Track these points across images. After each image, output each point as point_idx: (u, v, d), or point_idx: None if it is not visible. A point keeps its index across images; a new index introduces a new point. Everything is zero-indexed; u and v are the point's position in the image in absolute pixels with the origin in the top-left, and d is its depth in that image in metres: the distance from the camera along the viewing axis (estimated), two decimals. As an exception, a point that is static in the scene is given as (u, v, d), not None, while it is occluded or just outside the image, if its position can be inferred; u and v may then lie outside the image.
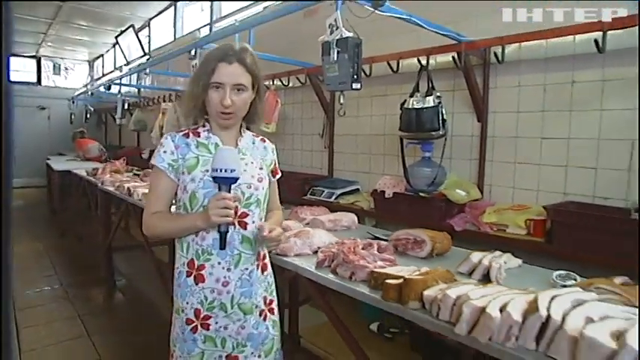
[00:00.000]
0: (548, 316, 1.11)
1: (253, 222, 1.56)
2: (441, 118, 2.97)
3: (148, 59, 8.20)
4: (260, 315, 1.62)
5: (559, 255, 2.31)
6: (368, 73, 3.54)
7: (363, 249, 1.83)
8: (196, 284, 1.53)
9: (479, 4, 3.01)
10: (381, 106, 3.78)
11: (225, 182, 1.41)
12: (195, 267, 1.53)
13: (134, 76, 7.96)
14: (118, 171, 5.36)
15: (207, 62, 1.51)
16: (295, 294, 3.10)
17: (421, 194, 3.11)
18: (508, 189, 3.00)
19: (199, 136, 1.59)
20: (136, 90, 8.85)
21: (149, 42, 9.09)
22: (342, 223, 2.56)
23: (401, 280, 1.48)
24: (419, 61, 3.15)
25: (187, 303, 1.54)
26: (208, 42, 3.64)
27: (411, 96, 3.07)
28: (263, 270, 1.64)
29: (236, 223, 1.53)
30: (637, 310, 1.16)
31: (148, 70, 5.91)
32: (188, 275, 1.54)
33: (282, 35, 4.02)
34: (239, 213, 1.53)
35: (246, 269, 1.56)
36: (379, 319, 3.44)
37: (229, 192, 1.42)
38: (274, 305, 1.70)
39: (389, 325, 3.38)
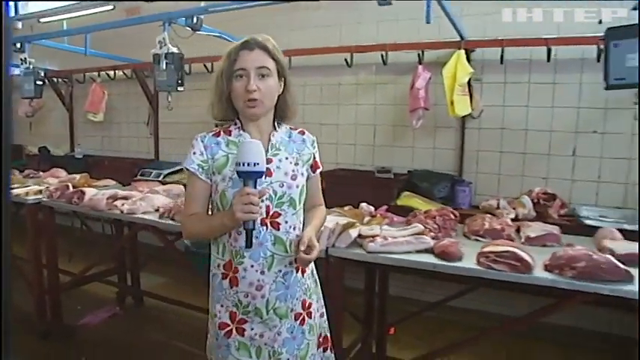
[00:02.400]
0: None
1: (286, 222, 1.47)
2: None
3: None
4: (296, 319, 1.54)
5: (331, 205, 3.39)
6: (188, 72, 4.24)
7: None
8: (231, 287, 1.48)
9: (284, 21, 3.94)
10: (200, 99, 4.51)
11: (249, 177, 1.33)
12: (232, 268, 1.48)
13: None
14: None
15: (228, 55, 1.44)
16: (135, 256, 3.70)
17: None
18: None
19: (230, 135, 1.51)
20: None
21: None
22: (173, 192, 3.26)
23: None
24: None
25: (222, 306, 1.51)
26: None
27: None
28: (303, 272, 1.55)
29: (268, 224, 1.45)
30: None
31: None
32: (224, 277, 1.49)
33: (110, 32, 4.45)
34: (271, 213, 1.45)
35: (280, 271, 1.48)
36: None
37: (255, 187, 1.34)
38: (313, 309, 1.60)
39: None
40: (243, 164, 1.31)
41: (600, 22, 2.81)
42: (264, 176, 1.39)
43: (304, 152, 1.56)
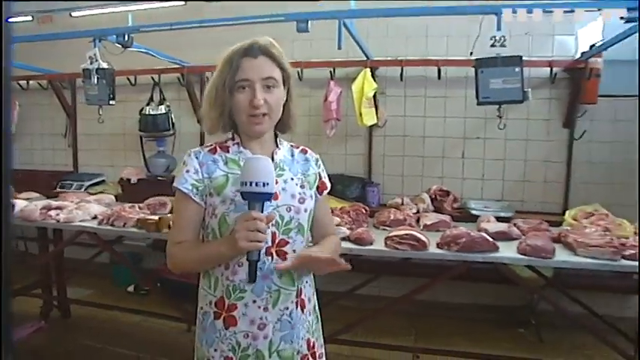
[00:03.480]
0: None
1: (294, 251, 1.30)
2: (171, 121, 4.05)
3: None
4: None
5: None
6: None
7: (129, 208, 2.78)
8: (226, 328, 1.28)
9: (203, 38, 4.16)
10: (121, 111, 4.59)
11: (256, 199, 1.17)
12: (226, 307, 1.28)
13: None
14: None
15: (228, 61, 1.27)
16: (61, 270, 3.73)
17: (159, 178, 4.12)
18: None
19: (228, 151, 1.35)
20: None
21: None
22: (104, 201, 3.37)
23: (157, 219, 2.52)
24: (152, 78, 4.13)
25: (216, 350, 1.30)
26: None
27: (148, 104, 4.06)
28: (302, 308, 1.35)
29: (273, 253, 1.27)
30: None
31: None
32: (216, 317, 1.30)
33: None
34: (277, 240, 1.28)
35: (287, 308, 1.30)
36: (134, 282, 4.30)
37: (262, 211, 1.18)
38: (317, 348, 1.42)
39: (142, 286, 4.27)
40: (250, 184, 1.15)
41: (471, 53, 3.26)
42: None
43: (309, 173, 1.41)
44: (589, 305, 3.08)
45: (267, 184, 1.15)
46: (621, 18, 2.45)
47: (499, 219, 2.85)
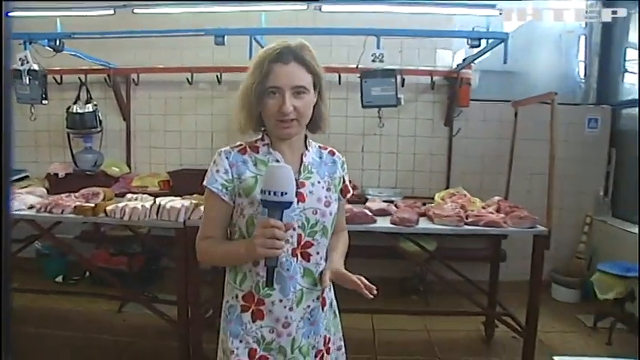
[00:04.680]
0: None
1: (317, 253, 1.35)
2: (98, 119, 4.34)
3: None
4: (316, 356, 1.41)
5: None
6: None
7: (65, 197, 3.11)
8: (253, 321, 1.32)
9: (130, 42, 4.46)
10: (46, 109, 4.74)
11: (275, 207, 1.18)
12: (255, 301, 1.32)
13: None
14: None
15: (259, 65, 1.26)
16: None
17: (87, 173, 4.40)
18: (147, 165, 4.63)
19: (258, 152, 1.36)
20: None
21: None
22: (36, 193, 3.62)
23: (93, 205, 2.89)
24: (79, 78, 4.39)
25: (241, 342, 1.33)
26: None
27: (75, 103, 4.32)
28: (323, 306, 1.41)
29: (298, 255, 1.32)
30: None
31: None
32: (244, 310, 1.33)
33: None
34: (302, 242, 1.32)
35: (309, 307, 1.36)
36: (62, 273, 4.53)
37: (281, 218, 1.19)
38: (332, 344, 1.47)
39: (71, 275, 4.52)
40: (269, 193, 1.15)
41: (357, 66, 3.67)
42: (296, 202, 1.26)
43: (335, 175, 1.43)
44: (464, 274, 3.77)
45: (286, 193, 1.15)
46: (468, 45, 3.17)
47: (389, 202, 3.47)
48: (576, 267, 4.37)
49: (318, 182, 1.37)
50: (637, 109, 4.23)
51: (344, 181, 1.47)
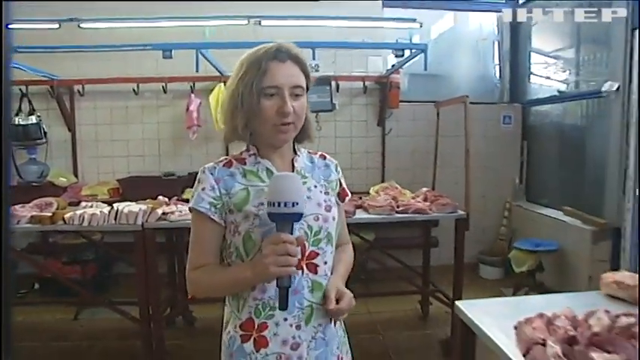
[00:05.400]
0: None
1: (325, 262, 1.22)
2: (42, 130, 4.39)
3: None
4: None
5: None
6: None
7: (20, 208, 3.21)
8: (257, 351, 1.17)
9: (73, 54, 4.53)
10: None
11: (285, 220, 1.07)
12: (255, 327, 1.18)
13: None
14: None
15: (255, 63, 1.16)
16: None
17: (34, 184, 4.44)
18: (95, 174, 4.72)
19: (245, 164, 1.24)
20: None
21: None
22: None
23: (51, 214, 3.03)
24: (20, 89, 4.42)
25: None
26: None
27: (17, 115, 4.35)
28: (335, 322, 1.28)
29: (304, 267, 1.18)
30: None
31: None
32: (244, 340, 1.19)
33: None
34: (307, 253, 1.19)
35: (320, 325, 1.21)
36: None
37: (292, 232, 1.08)
38: None
39: (18, 289, 4.52)
40: (278, 204, 1.04)
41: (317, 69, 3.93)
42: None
43: (331, 179, 1.32)
44: (402, 260, 4.15)
45: (297, 203, 1.04)
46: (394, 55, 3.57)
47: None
48: (499, 248, 4.91)
49: (315, 186, 1.26)
50: (543, 106, 4.86)
51: (341, 184, 1.37)
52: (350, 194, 1.42)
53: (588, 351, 0.91)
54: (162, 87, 4.46)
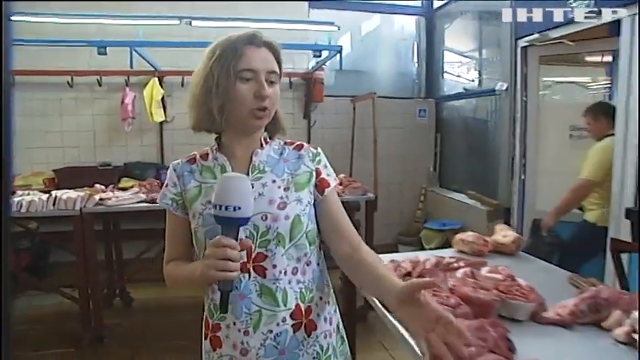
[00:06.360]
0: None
1: (274, 266, 1.13)
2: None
3: None
4: None
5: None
6: None
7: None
8: (214, 350, 1.18)
9: None
10: None
11: (229, 223, 1.01)
12: (210, 327, 1.18)
13: None
14: None
15: (229, 47, 1.12)
16: None
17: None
18: (29, 165, 4.78)
19: (207, 159, 1.23)
20: None
21: None
22: None
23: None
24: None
25: None
26: None
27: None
28: (308, 329, 1.18)
29: (251, 270, 1.12)
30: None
31: None
32: (205, 337, 1.21)
33: None
34: (253, 255, 1.12)
35: (271, 332, 1.13)
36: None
37: (236, 237, 1.02)
38: None
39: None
40: (221, 207, 0.99)
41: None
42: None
43: (299, 172, 1.21)
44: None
45: (240, 208, 0.98)
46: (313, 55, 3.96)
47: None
48: (415, 229, 5.45)
49: (273, 181, 1.17)
50: (453, 101, 5.45)
51: (317, 175, 1.22)
52: (332, 184, 1.24)
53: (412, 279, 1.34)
54: (97, 80, 4.61)
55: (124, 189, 3.71)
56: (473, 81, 5.17)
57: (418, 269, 1.43)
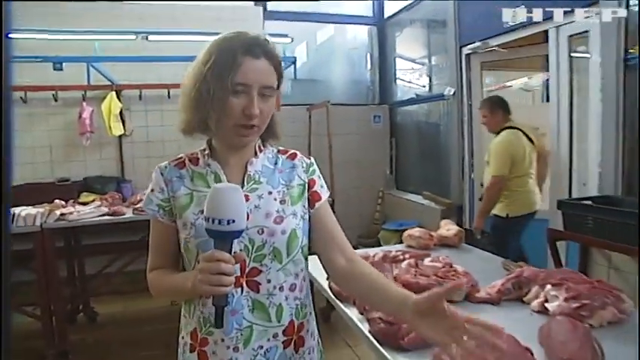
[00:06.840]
0: (19, 212, 3.16)
1: (269, 281, 1.09)
2: None
3: None
4: None
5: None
6: None
7: None
8: None
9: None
10: None
11: (222, 237, 0.96)
12: (199, 341, 1.12)
13: None
14: None
15: (226, 54, 1.05)
16: None
17: None
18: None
19: (197, 164, 1.16)
20: None
21: None
22: None
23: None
24: None
25: None
26: None
27: None
28: (297, 346, 1.15)
29: (243, 284, 1.08)
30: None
31: None
32: (192, 350, 1.13)
33: None
34: (247, 270, 1.08)
35: (261, 347, 1.10)
36: None
37: (230, 250, 0.97)
38: None
39: None
40: (213, 221, 0.94)
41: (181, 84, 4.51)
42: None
43: (293, 183, 1.17)
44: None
45: (234, 221, 0.94)
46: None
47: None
48: (374, 230, 5.64)
49: (270, 193, 1.12)
50: (406, 107, 5.69)
51: (309, 188, 1.18)
52: (324, 197, 1.20)
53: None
54: (53, 95, 4.58)
55: (84, 203, 3.71)
56: (424, 87, 5.42)
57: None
